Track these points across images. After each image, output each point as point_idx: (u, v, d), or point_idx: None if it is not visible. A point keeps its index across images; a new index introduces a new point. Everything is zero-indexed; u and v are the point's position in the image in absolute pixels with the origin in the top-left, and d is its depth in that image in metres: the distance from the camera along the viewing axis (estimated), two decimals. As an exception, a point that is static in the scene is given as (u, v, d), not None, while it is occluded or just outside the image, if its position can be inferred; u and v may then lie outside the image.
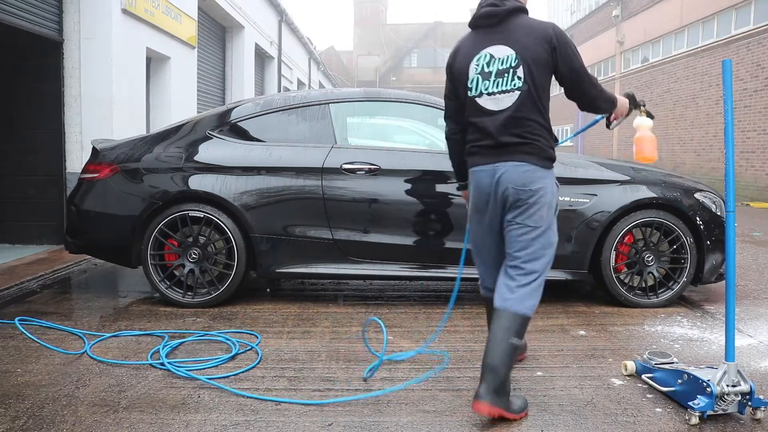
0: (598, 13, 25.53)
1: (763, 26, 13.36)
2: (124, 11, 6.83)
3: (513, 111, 2.57)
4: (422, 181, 4.18)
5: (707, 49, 16.00)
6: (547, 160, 2.63)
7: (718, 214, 4.31)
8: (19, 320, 3.69)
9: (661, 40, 19.22)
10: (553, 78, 2.68)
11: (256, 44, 14.15)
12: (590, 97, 2.71)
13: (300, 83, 21.79)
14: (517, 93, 2.56)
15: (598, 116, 3.05)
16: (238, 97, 12.48)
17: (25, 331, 3.55)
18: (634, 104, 3.03)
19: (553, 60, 2.58)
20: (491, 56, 2.61)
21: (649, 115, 3.11)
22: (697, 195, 4.33)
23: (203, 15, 10.81)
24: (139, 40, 7.42)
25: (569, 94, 2.74)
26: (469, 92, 2.67)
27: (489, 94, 2.61)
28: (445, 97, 2.89)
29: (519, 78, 2.56)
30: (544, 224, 2.60)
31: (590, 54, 26.10)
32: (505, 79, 2.58)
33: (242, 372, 3.00)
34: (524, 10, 2.67)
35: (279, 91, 16.81)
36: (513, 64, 2.56)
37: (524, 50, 2.56)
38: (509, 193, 2.58)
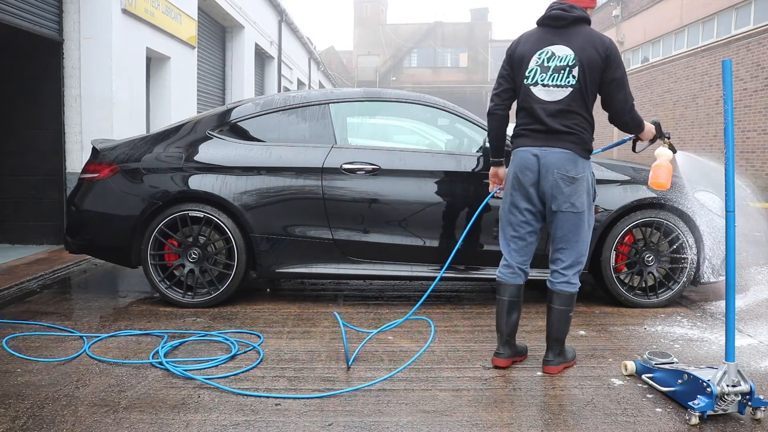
0: (598, 13, 25.51)
1: (763, 26, 13.36)
2: (124, 11, 6.83)
3: (565, 105, 2.91)
4: (422, 181, 4.18)
5: (707, 49, 16.00)
6: (587, 151, 2.99)
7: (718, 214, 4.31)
8: (6, 341, 3.39)
9: (661, 40, 19.22)
10: None
11: (256, 44, 14.14)
12: (621, 110, 2.99)
13: (300, 83, 21.78)
14: (570, 89, 2.90)
15: (627, 137, 3.37)
16: (238, 97, 12.48)
17: (10, 350, 3.54)
18: (659, 133, 3.30)
19: (604, 66, 2.90)
20: (553, 53, 2.94)
21: (671, 148, 3.31)
22: (697, 194, 4.33)
23: (203, 15, 10.81)
24: (139, 40, 7.41)
25: (604, 103, 3.03)
26: (525, 80, 2.99)
27: (544, 85, 2.94)
28: (500, 76, 3.15)
29: (574, 77, 2.90)
30: (584, 208, 2.97)
31: (590, 54, 26.07)
32: (561, 75, 2.91)
33: (242, 372, 3.00)
34: (588, 21, 3.00)
35: (279, 91, 16.81)
36: (570, 64, 2.90)
37: (582, 53, 2.89)
38: (554, 177, 2.91)
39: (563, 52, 2.92)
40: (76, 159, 6.42)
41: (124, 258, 4.33)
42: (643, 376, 2.88)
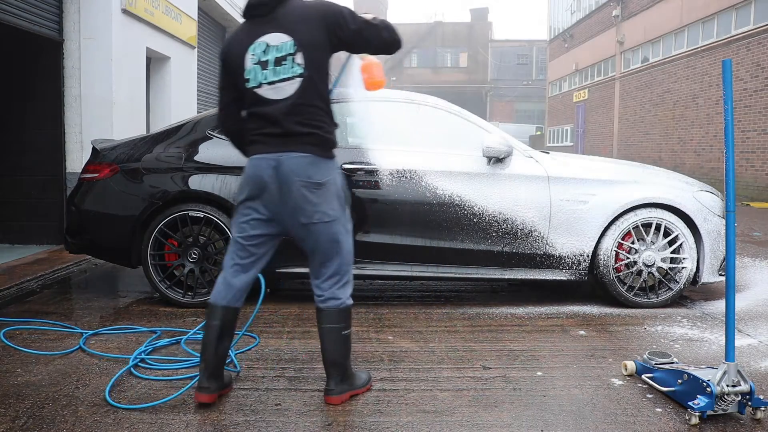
0: (598, 13, 25.52)
1: (763, 26, 13.36)
2: (124, 11, 6.83)
3: (296, 98, 2.52)
4: (422, 181, 4.18)
5: (707, 49, 16.00)
6: (332, 150, 2.62)
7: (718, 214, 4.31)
8: (2, 333, 3.50)
9: (661, 40, 19.22)
10: None
11: (256, 44, 14.13)
12: (384, 43, 2.62)
13: (300, 83, 21.75)
14: (299, 80, 2.51)
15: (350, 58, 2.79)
16: (238, 97, 12.45)
17: (9, 342, 3.54)
18: None
19: (333, 38, 2.54)
20: (267, 45, 2.53)
21: None
22: (696, 194, 4.33)
23: (203, 15, 10.81)
24: (139, 40, 7.41)
25: (369, 51, 2.66)
26: (247, 83, 2.57)
27: (269, 83, 2.54)
28: (220, 88, 2.75)
29: (299, 65, 2.51)
30: (337, 215, 2.60)
31: (590, 54, 26.09)
32: (284, 66, 2.51)
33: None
34: None
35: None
36: (291, 51, 2.51)
37: (300, 35, 2.51)
38: (296, 187, 2.52)
39: (279, 40, 2.51)
40: (76, 159, 6.42)
41: (124, 258, 4.34)
42: (643, 376, 2.88)
